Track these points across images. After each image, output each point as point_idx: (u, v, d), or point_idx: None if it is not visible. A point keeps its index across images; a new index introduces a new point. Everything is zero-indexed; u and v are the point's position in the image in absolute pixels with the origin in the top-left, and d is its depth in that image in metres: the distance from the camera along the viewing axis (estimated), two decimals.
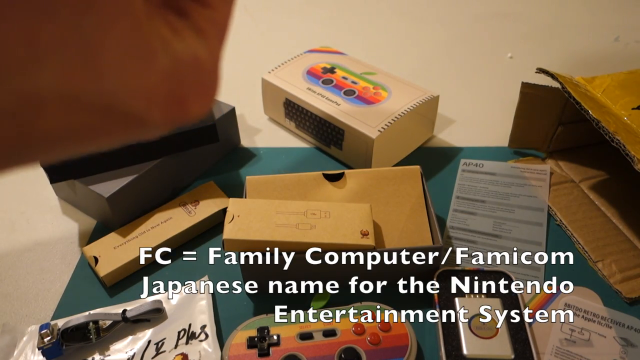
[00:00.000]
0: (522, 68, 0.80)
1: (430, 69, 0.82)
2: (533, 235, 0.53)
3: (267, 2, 1.05)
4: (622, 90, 0.54)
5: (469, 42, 0.88)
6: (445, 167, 0.62)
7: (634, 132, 0.48)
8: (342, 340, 0.42)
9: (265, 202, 0.48)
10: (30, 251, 0.55)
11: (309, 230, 0.45)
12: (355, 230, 0.46)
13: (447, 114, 0.71)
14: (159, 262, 0.52)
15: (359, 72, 0.66)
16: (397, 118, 0.58)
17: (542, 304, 0.46)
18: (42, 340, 0.43)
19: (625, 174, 0.57)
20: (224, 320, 0.47)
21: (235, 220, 0.46)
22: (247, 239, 0.44)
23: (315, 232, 0.45)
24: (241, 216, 0.46)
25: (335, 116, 0.59)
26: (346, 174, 0.53)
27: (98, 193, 0.52)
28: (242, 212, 0.47)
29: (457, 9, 0.99)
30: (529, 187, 0.58)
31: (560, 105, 0.58)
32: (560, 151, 0.62)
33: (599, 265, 0.49)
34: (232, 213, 0.47)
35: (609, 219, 0.54)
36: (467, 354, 0.41)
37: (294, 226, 0.46)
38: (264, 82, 0.67)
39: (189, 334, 0.44)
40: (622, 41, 0.86)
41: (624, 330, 0.44)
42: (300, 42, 0.88)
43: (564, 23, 0.92)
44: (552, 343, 0.43)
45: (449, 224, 0.55)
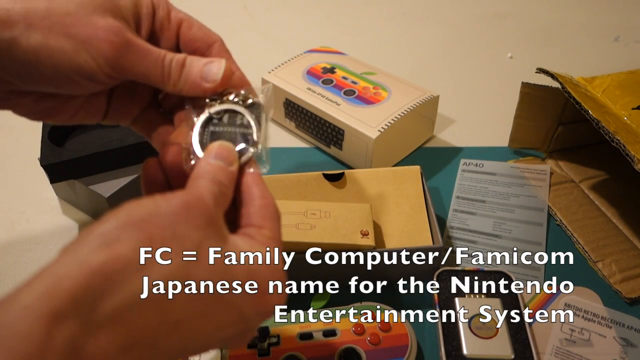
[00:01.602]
0: (522, 68, 0.80)
1: (430, 69, 0.82)
2: (533, 235, 0.53)
3: (267, 2, 1.05)
4: (622, 90, 0.54)
5: (469, 42, 0.88)
6: (445, 167, 0.62)
7: (634, 132, 0.48)
8: (342, 340, 0.42)
9: None
10: (30, 251, 0.55)
11: (309, 230, 0.45)
12: (355, 230, 0.46)
13: (447, 114, 0.71)
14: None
15: (359, 72, 0.66)
16: (397, 118, 0.58)
17: (542, 304, 0.46)
18: None
19: (625, 174, 0.57)
20: None
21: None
22: None
23: (315, 232, 0.45)
24: None
25: (335, 116, 0.59)
26: (346, 174, 0.53)
27: (98, 193, 0.52)
28: None
29: (457, 9, 0.98)
30: (529, 187, 0.58)
31: (560, 105, 0.58)
32: (560, 151, 0.62)
33: (599, 265, 0.49)
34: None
35: (609, 219, 0.54)
36: (467, 354, 0.41)
37: (293, 226, 0.45)
38: (264, 82, 0.67)
39: None
40: (622, 41, 0.86)
41: (624, 330, 0.44)
42: (300, 42, 0.88)
43: (564, 23, 0.92)
44: (552, 343, 0.43)
45: (449, 224, 0.55)
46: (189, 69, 0.30)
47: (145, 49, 0.29)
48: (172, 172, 0.30)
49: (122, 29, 0.28)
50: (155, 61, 0.29)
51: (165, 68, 0.30)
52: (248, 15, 1.01)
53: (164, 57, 0.30)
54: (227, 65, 0.31)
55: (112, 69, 0.28)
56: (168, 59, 0.30)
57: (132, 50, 0.28)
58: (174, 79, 0.30)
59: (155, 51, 0.30)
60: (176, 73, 0.30)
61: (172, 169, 0.30)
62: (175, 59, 0.30)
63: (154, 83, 0.30)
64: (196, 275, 0.22)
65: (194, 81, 0.30)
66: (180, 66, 0.30)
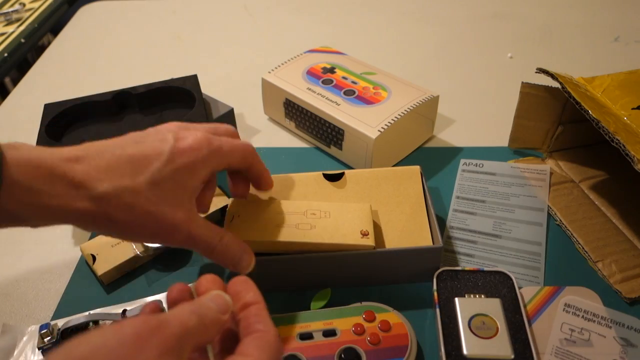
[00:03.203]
0: (522, 68, 0.80)
1: (430, 69, 0.82)
2: (533, 235, 0.53)
3: (267, 2, 1.05)
4: (622, 90, 0.54)
5: (469, 42, 0.88)
6: (445, 167, 0.62)
7: (634, 132, 0.48)
8: (342, 340, 0.42)
9: (265, 202, 0.48)
10: (30, 251, 0.55)
11: (309, 230, 0.45)
12: (355, 230, 0.45)
13: (447, 114, 0.71)
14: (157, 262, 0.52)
15: (359, 72, 0.66)
16: (397, 118, 0.58)
17: (542, 304, 0.46)
18: (42, 340, 0.43)
19: (625, 174, 0.57)
20: None
21: (234, 220, 0.46)
22: (246, 240, 0.43)
23: (315, 232, 0.45)
24: (241, 216, 0.46)
25: (335, 116, 0.59)
26: (346, 174, 0.53)
27: None
28: (241, 212, 0.47)
29: (457, 9, 0.99)
30: (529, 187, 0.58)
31: (560, 105, 0.58)
32: (560, 151, 0.62)
33: (599, 265, 0.49)
34: (231, 213, 0.47)
35: (609, 219, 0.54)
36: (467, 354, 0.41)
37: (293, 226, 0.45)
38: (264, 82, 0.67)
39: None
40: (622, 41, 0.86)
41: (624, 330, 0.44)
42: (300, 42, 0.88)
43: (564, 23, 0.92)
44: (552, 343, 0.43)
45: (449, 224, 0.55)
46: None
47: (200, 238, 0.38)
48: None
49: (189, 222, 0.37)
50: (205, 245, 0.39)
51: (210, 249, 0.39)
52: (248, 15, 1.01)
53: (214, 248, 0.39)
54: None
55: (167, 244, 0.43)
56: (213, 245, 0.39)
57: (193, 240, 0.38)
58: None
59: (206, 236, 0.39)
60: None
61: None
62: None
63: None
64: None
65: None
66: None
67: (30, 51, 1.13)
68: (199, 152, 0.37)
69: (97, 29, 1.02)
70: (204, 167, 0.37)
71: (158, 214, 0.35)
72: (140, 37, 0.97)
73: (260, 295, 0.33)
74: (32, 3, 1.22)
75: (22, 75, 0.89)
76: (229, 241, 0.40)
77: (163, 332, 0.23)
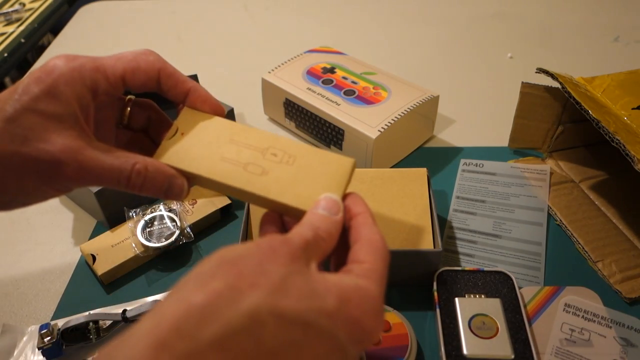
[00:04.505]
0: (522, 68, 0.80)
1: (430, 69, 0.82)
2: (533, 235, 0.53)
3: (267, 2, 1.05)
4: (622, 90, 0.54)
5: (469, 42, 0.88)
6: (445, 167, 0.62)
7: (634, 132, 0.48)
8: None
9: (223, 122, 0.38)
10: (30, 251, 0.55)
11: (257, 176, 0.35)
12: (317, 191, 0.34)
13: (447, 114, 0.71)
14: (156, 261, 0.52)
15: (359, 72, 0.66)
16: (397, 118, 0.58)
17: (542, 304, 0.46)
18: (42, 340, 0.43)
19: (625, 174, 0.57)
20: None
21: (176, 136, 0.37)
22: (178, 168, 0.36)
23: (263, 181, 0.34)
24: (186, 134, 0.37)
25: (335, 116, 0.59)
26: None
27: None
28: (189, 129, 0.37)
29: (456, 9, 0.99)
30: (529, 187, 0.58)
31: (560, 105, 0.58)
32: (560, 151, 0.62)
33: (599, 265, 0.49)
34: (177, 126, 0.38)
35: (609, 219, 0.54)
36: (467, 354, 0.41)
37: (241, 166, 0.35)
38: (264, 82, 0.67)
39: None
40: (622, 41, 0.86)
41: (624, 330, 0.44)
42: (300, 42, 0.88)
43: (564, 23, 0.92)
44: (552, 343, 0.43)
45: (449, 224, 0.55)
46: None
47: (100, 165, 0.33)
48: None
49: (75, 150, 0.32)
50: (111, 174, 0.33)
51: (122, 180, 0.34)
52: (248, 15, 1.01)
53: (119, 171, 0.33)
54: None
55: (68, 187, 0.34)
56: (124, 174, 0.33)
57: (88, 170, 0.32)
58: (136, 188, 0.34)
59: (109, 164, 0.33)
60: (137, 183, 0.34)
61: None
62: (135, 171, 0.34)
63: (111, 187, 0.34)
64: (284, 305, 0.24)
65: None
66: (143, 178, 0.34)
67: (30, 51, 1.13)
68: (52, 74, 0.32)
69: (97, 29, 1.02)
70: (67, 87, 0.32)
71: (24, 151, 0.31)
72: (140, 37, 0.97)
73: (367, 206, 0.33)
74: (32, 3, 1.22)
75: (22, 75, 0.89)
76: (147, 168, 0.34)
77: (290, 245, 0.27)
